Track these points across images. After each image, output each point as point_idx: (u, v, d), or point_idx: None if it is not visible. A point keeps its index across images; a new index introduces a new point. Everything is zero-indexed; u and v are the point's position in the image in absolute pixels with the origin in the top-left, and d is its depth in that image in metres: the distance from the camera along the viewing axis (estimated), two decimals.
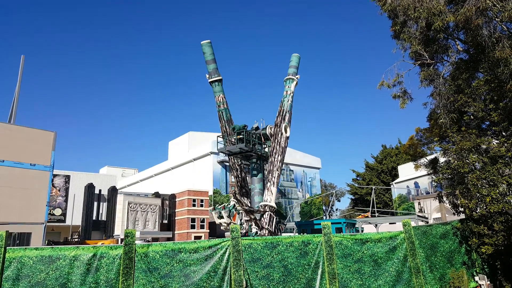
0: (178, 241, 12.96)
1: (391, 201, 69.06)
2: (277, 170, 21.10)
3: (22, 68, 23.01)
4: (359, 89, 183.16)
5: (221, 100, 23.11)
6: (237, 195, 19.86)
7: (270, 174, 21.13)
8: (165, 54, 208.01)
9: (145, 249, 12.05)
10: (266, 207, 20.07)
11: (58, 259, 11.19)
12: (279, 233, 20.82)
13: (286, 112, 22.06)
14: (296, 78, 23.09)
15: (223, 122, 22.96)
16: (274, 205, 20.33)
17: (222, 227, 19.58)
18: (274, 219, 20.20)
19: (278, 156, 21.26)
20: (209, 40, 23.24)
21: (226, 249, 12.53)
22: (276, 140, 21.62)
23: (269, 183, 20.95)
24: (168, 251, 12.11)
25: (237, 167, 23.23)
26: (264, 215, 19.85)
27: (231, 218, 19.47)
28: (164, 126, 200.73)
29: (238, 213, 20.79)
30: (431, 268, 14.32)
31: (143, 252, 11.96)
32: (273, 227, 19.93)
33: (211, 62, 23.34)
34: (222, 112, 23.03)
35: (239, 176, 23.05)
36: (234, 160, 23.22)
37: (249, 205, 20.84)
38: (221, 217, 19.00)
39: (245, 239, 12.93)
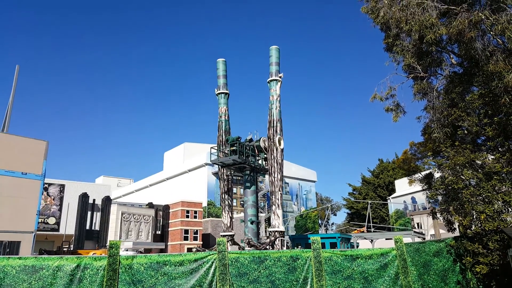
0: (163, 254, 12.70)
1: (388, 216, 68.49)
2: (279, 191, 20.92)
3: (16, 78, 22.97)
4: (356, 100, 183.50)
5: (224, 111, 24.85)
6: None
7: (273, 196, 20.83)
8: (162, 64, 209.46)
9: (130, 260, 11.78)
10: (276, 233, 19.89)
11: (41, 269, 10.99)
12: None
13: (276, 122, 21.83)
14: (280, 77, 22.75)
15: (221, 131, 24.13)
16: (283, 229, 20.20)
17: None
18: (284, 241, 20.27)
19: (277, 174, 21.01)
20: (224, 59, 25.83)
21: (212, 262, 12.24)
22: (272, 156, 21.33)
23: (273, 206, 20.71)
24: (153, 264, 11.85)
25: (225, 177, 23.46)
26: (275, 242, 19.70)
27: None
28: (160, 137, 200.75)
29: None
30: (423, 287, 13.96)
31: (127, 264, 11.69)
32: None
33: (222, 77, 25.31)
34: (222, 122, 24.51)
35: (225, 187, 23.26)
36: (223, 170, 23.33)
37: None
38: None
39: (232, 253, 12.64)
